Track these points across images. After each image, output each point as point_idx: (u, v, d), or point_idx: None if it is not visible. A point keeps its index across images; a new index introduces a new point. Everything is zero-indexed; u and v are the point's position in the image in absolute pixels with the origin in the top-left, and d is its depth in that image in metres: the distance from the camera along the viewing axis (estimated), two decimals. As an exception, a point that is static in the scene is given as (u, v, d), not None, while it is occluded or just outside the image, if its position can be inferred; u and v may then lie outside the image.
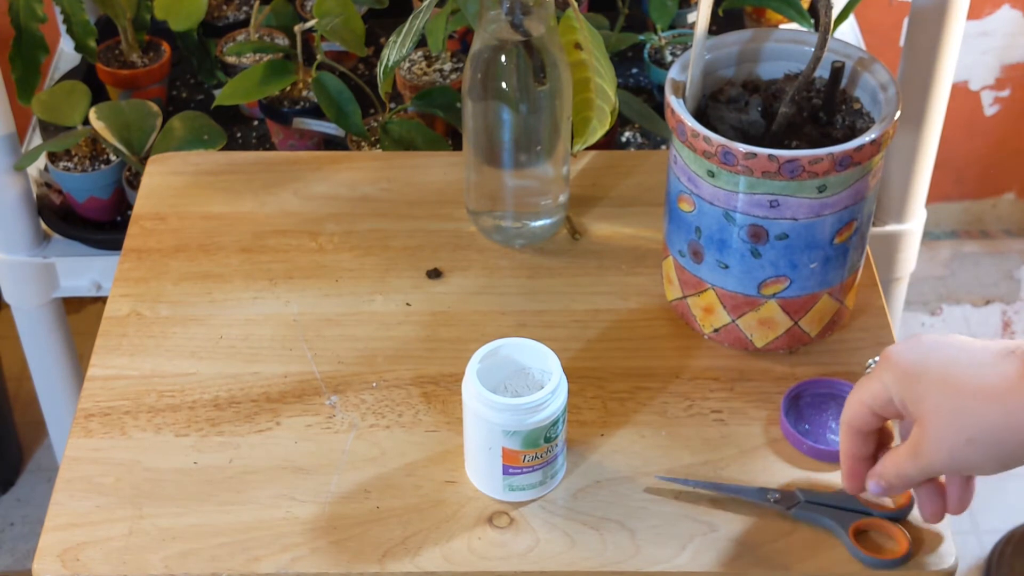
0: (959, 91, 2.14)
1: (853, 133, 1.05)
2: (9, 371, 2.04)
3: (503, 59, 1.10)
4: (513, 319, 1.14)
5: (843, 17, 1.60)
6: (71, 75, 1.70)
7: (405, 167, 1.29)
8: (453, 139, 1.55)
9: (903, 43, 1.51)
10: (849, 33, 1.77)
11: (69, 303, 1.77)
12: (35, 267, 1.57)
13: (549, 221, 1.21)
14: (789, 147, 1.05)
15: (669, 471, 1.02)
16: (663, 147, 1.59)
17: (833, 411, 1.06)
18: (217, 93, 1.45)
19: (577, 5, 1.18)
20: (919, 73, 1.49)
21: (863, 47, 1.77)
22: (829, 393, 1.07)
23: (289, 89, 1.57)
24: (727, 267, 1.06)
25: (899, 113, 1.02)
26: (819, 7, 1.06)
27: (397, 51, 1.22)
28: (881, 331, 1.13)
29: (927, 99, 1.51)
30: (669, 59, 1.64)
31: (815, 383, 1.07)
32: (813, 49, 1.04)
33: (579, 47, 1.16)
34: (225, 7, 1.77)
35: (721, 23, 1.71)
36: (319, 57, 1.45)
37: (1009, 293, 2.26)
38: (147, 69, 1.64)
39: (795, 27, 1.62)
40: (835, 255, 1.05)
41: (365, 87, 1.52)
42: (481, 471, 1.00)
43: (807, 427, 1.05)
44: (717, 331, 1.10)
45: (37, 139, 1.65)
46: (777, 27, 1.51)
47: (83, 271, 1.58)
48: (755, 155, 0.98)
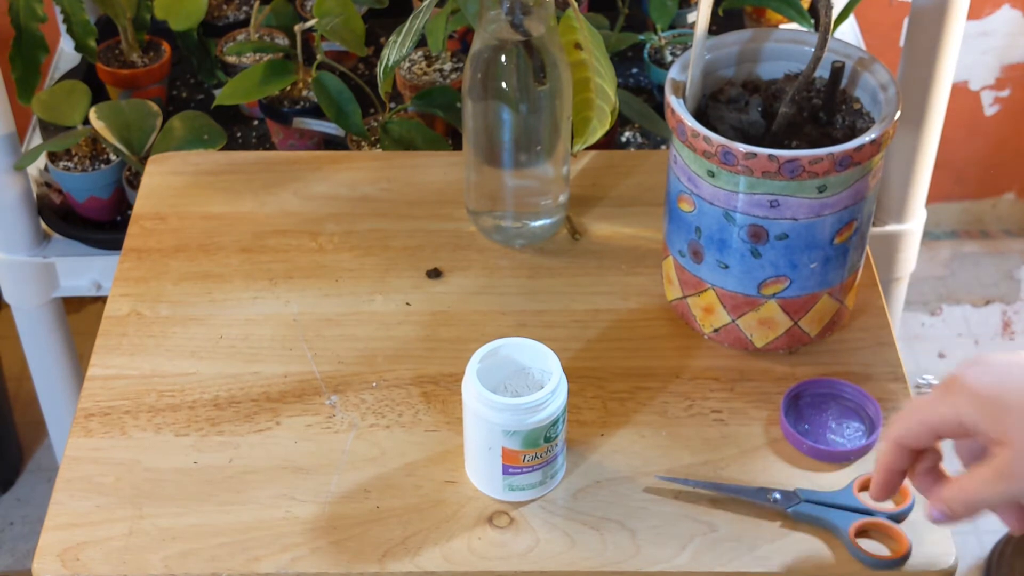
0: (959, 91, 2.14)
1: (853, 133, 1.05)
2: (9, 371, 2.04)
3: (503, 59, 1.10)
4: (513, 319, 1.14)
5: (843, 17, 1.59)
6: (71, 75, 1.69)
7: (405, 167, 1.29)
8: (453, 139, 1.55)
9: (903, 43, 1.51)
10: (849, 33, 1.77)
11: (69, 303, 1.77)
12: (35, 267, 1.57)
13: (549, 221, 1.21)
14: (789, 147, 1.05)
15: (669, 471, 1.02)
16: (663, 147, 1.59)
17: (833, 411, 1.06)
18: (217, 93, 1.45)
19: (577, 5, 1.18)
20: (919, 73, 1.49)
21: (863, 47, 1.77)
22: (829, 393, 1.07)
23: (289, 89, 1.57)
24: (727, 267, 1.06)
25: (899, 113, 1.02)
26: (819, 7, 1.06)
27: (397, 51, 1.22)
28: (881, 331, 1.13)
29: (927, 99, 1.51)
30: (669, 59, 1.64)
31: (815, 383, 1.07)
32: (813, 49, 1.04)
33: (579, 47, 1.16)
34: (225, 7, 1.77)
35: (721, 23, 1.71)
36: (319, 57, 1.45)
37: (1009, 293, 2.26)
38: (147, 69, 1.64)
39: (795, 27, 1.62)
40: (835, 255, 1.05)
41: (365, 87, 1.52)
42: (481, 471, 1.00)
43: (807, 427, 1.05)
44: (717, 331, 1.10)
45: (37, 139, 1.65)
46: (777, 27, 1.51)
47: (83, 271, 1.58)
48: (755, 155, 0.98)
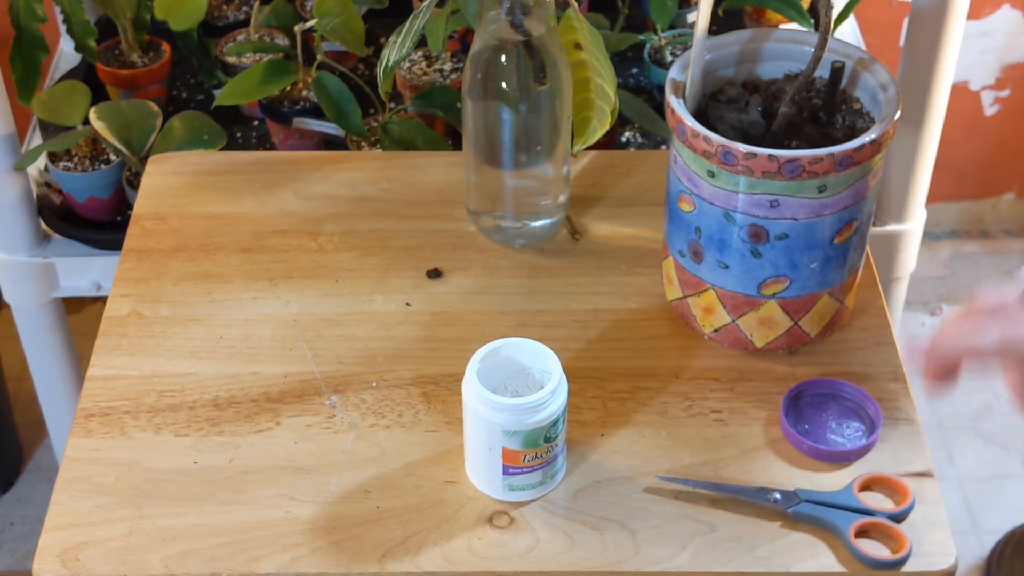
0: (959, 91, 2.14)
1: (853, 133, 1.05)
2: (9, 371, 2.04)
3: (503, 59, 1.10)
4: (513, 319, 1.14)
5: (843, 17, 1.59)
6: (71, 75, 1.69)
7: (405, 167, 1.29)
8: (453, 139, 1.55)
9: (903, 43, 1.51)
10: (849, 33, 1.77)
11: (69, 303, 1.77)
12: (35, 267, 1.57)
13: (549, 221, 1.20)
14: (789, 147, 1.05)
15: (669, 471, 1.02)
16: (663, 147, 1.59)
17: (833, 411, 1.06)
18: (217, 93, 1.45)
19: (577, 5, 1.18)
20: (919, 73, 1.49)
21: (863, 47, 1.77)
22: (829, 393, 1.07)
23: (289, 89, 1.57)
24: (727, 267, 1.06)
25: (899, 113, 1.02)
26: (819, 7, 1.06)
27: (397, 51, 1.22)
28: (881, 331, 1.13)
29: (927, 99, 1.51)
30: (669, 59, 1.64)
31: (815, 383, 1.07)
32: (813, 49, 1.04)
33: (579, 47, 1.16)
34: (225, 7, 1.77)
35: (721, 23, 1.71)
36: (319, 57, 1.45)
37: (1009, 293, 2.25)
38: (147, 69, 1.64)
39: (795, 27, 1.62)
40: (835, 255, 1.05)
41: (365, 87, 1.52)
42: (481, 471, 1.00)
43: (807, 427, 1.05)
44: (717, 331, 1.10)
45: (37, 139, 1.65)
46: (777, 27, 1.51)
47: (83, 271, 1.58)
48: (755, 155, 0.98)
